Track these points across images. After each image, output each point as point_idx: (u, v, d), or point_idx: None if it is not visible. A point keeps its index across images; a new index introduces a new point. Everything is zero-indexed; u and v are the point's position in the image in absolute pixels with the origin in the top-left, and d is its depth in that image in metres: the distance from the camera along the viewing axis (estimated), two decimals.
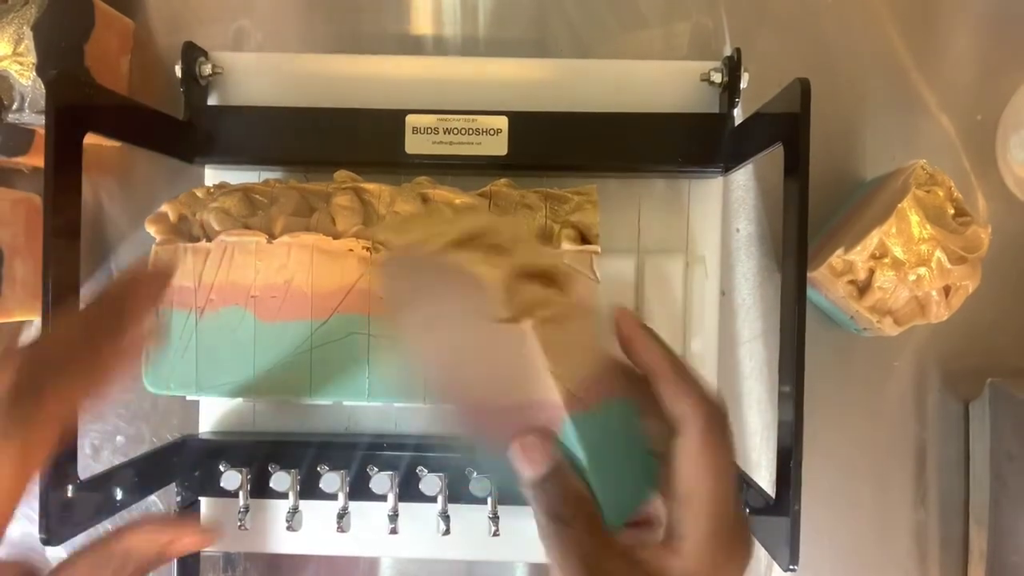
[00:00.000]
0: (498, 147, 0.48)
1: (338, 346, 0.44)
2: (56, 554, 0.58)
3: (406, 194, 0.46)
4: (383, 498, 0.49)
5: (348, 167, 0.48)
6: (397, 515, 0.49)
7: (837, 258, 0.49)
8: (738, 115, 0.49)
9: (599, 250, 0.44)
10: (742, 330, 0.56)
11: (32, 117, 0.49)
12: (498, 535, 0.49)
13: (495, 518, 0.49)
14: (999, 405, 0.52)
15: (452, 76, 0.52)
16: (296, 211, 0.46)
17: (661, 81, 0.51)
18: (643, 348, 0.27)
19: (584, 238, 0.45)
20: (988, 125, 0.55)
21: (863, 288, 0.50)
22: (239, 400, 0.52)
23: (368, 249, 0.44)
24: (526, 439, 0.26)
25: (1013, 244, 0.55)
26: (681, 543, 0.25)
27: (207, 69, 0.51)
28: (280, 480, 0.49)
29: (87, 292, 0.56)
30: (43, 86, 0.47)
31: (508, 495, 0.49)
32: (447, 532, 0.49)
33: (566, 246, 0.43)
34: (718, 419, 0.25)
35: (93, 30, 0.51)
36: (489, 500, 0.49)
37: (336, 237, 0.44)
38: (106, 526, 0.57)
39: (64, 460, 0.38)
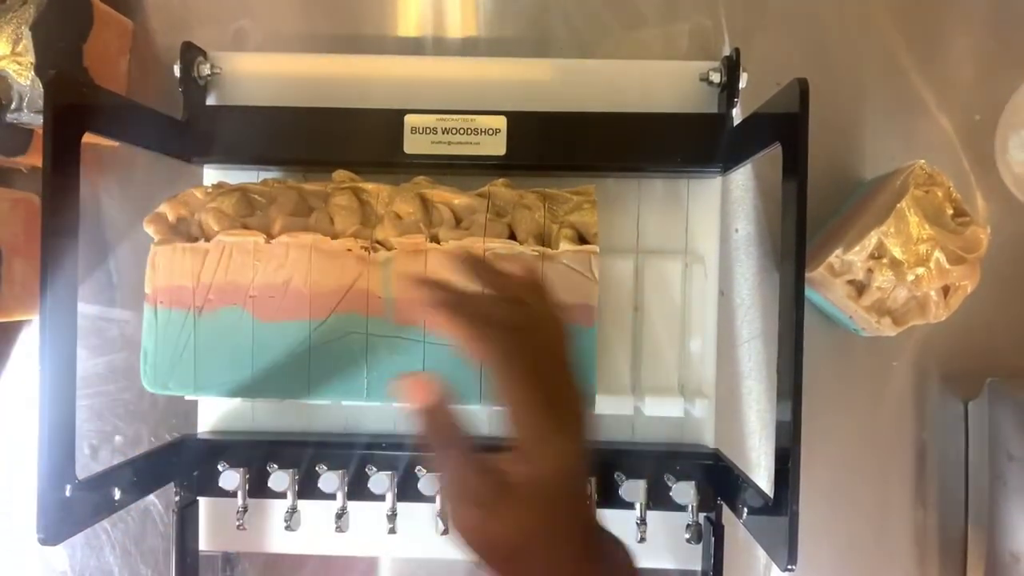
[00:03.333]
0: (497, 147, 0.48)
1: (336, 346, 0.44)
2: (56, 554, 0.58)
3: (405, 194, 0.46)
4: (381, 498, 0.49)
5: (347, 167, 0.48)
6: (395, 515, 0.49)
7: (836, 258, 0.49)
8: (737, 115, 0.49)
9: (598, 250, 0.44)
10: (741, 330, 0.56)
11: (30, 117, 0.49)
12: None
13: None
14: (998, 405, 0.52)
15: (451, 76, 0.52)
16: (294, 211, 0.46)
17: (660, 81, 0.51)
18: (426, 309, 0.33)
19: (583, 238, 0.45)
20: (987, 125, 0.55)
21: (862, 288, 0.50)
22: (237, 400, 0.52)
23: (366, 249, 0.44)
24: (411, 378, 0.32)
25: (1012, 244, 0.55)
26: (513, 450, 0.31)
27: (206, 69, 0.51)
28: (279, 480, 0.49)
29: (85, 292, 0.56)
30: (41, 86, 0.47)
31: None
32: (445, 532, 0.49)
33: (565, 246, 0.43)
34: (498, 356, 0.31)
35: (92, 30, 0.51)
36: None
37: (334, 237, 0.44)
38: (105, 525, 0.57)
39: (62, 460, 0.38)
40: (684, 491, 0.47)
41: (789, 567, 0.36)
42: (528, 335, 0.32)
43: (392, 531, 0.49)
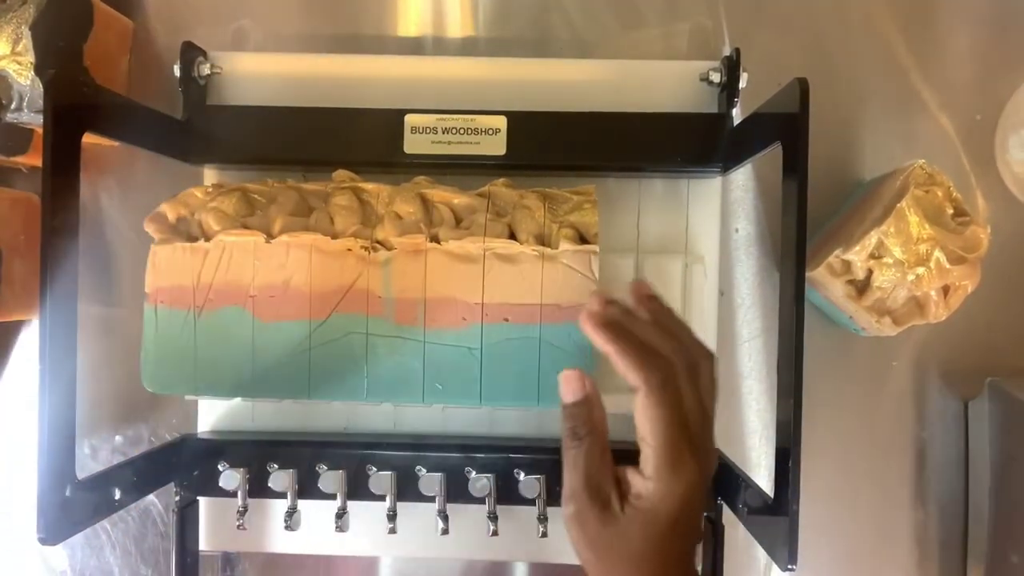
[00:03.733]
0: (497, 147, 0.48)
1: (336, 346, 0.44)
2: (56, 554, 0.58)
3: (405, 194, 0.46)
4: (381, 498, 0.49)
5: (347, 167, 0.48)
6: (396, 514, 0.49)
7: (836, 258, 0.49)
8: (737, 115, 0.49)
9: (598, 250, 0.44)
10: (741, 330, 0.56)
11: (31, 117, 0.49)
12: (497, 534, 0.49)
13: (494, 517, 0.49)
14: (998, 404, 0.52)
15: (451, 76, 0.52)
16: (295, 211, 0.46)
17: (660, 81, 0.51)
18: (595, 337, 0.34)
19: (583, 238, 0.45)
20: (987, 125, 0.55)
21: (862, 288, 0.50)
22: (238, 400, 0.52)
23: (366, 249, 0.44)
24: (570, 372, 0.35)
25: (1012, 244, 0.55)
26: (644, 468, 0.33)
27: (206, 69, 0.51)
28: (279, 480, 0.49)
29: (85, 291, 0.56)
30: (41, 86, 0.47)
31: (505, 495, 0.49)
32: (446, 531, 0.49)
33: (564, 246, 0.43)
34: (654, 383, 0.33)
35: (92, 30, 0.51)
36: (488, 499, 0.49)
37: (335, 237, 0.44)
38: (105, 525, 0.57)
39: (62, 460, 0.38)
40: None
41: (789, 567, 0.36)
42: (685, 370, 0.34)
43: (392, 531, 0.49)
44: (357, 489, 0.49)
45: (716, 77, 0.49)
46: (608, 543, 0.33)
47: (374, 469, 0.49)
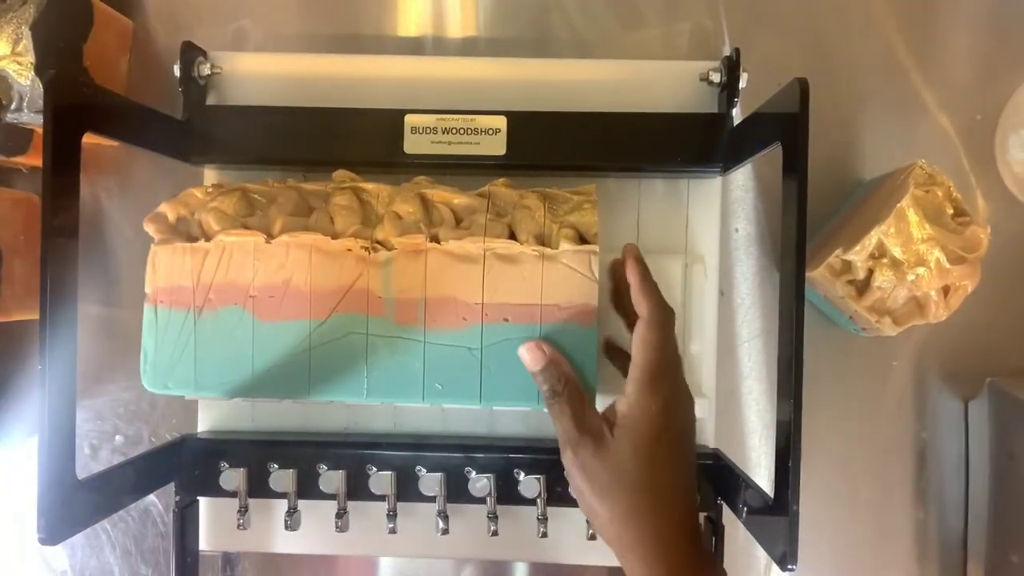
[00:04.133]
0: (497, 147, 0.48)
1: (336, 346, 0.44)
2: (56, 554, 0.58)
3: (405, 194, 0.46)
4: (382, 498, 0.49)
5: (347, 167, 0.48)
6: (396, 514, 0.49)
7: (836, 258, 0.49)
8: (737, 115, 0.49)
9: (598, 250, 0.44)
10: (741, 330, 0.56)
11: (31, 117, 0.49)
12: (496, 534, 0.49)
13: (494, 517, 0.49)
14: (998, 404, 0.52)
15: (451, 76, 0.52)
16: (295, 211, 0.46)
17: (660, 81, 0.51)
18: (630, 268, 0.41)
19: (583, 238, 0.44)
20: (987, 125, 0.55)
21: (862, 288, 0.50)
22: (238, 400, 0.52)
23: (366, 249, 0.44)
24: (528, 343, 0.41)
25: (1012, 244, 0.55)
26: (627, 390, 0.38)
27: (206, 69, 0.51)
28: (279, 479, 0.49)
29: (85, 291, 0.56)
30: (41, 86, 0.47)
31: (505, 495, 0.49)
32: (446, 532, 0.49)
33: (564, 246, 0.43)
34: (659, 314, 0.39)
35: (92, 30, 0.51)
36: (488, 499, 0.49)
37: (335, 237, 0.44)
38: (105, 525, 0.57)
39: (62, 460, 0.38)
40: None
41: (790, 567, 0.36)
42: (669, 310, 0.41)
43: (392, 531, 0.49)
44: (357, 489, 0.49)
45: (716, 77, 0.49)
46: (604, 470, 0.37)
47: (374, 469, 0.49)
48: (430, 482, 0.48)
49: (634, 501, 0.36)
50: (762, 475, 0.55)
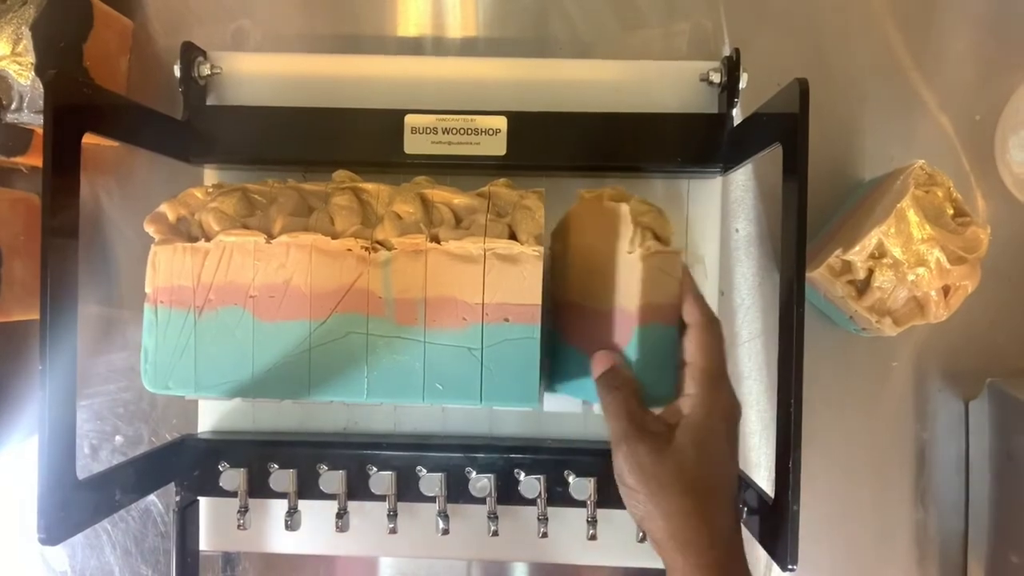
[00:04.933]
0: (497, 147, 0.48)
1: (337, 346, 0.44)
2: (56, 554, 0.58)
3: (405, 194, 0.46)
4: (382, 498, 0.49)
5: (347, 167, 0.48)
6: (396, 514, 0.49)
7: (836, 258, 0.49)
8: (737, 115, 0.49)
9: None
10: (741, 330, 0.56)
11: (31, 117, 0.49)
12: (497, 535, 0.49)
13: (494, 517, 0.49)
14: (999, 405, 0.52)
15: (451, 76, 0.52)
16: (295, 211, 0.46)
17: (660, 81, 0.51)
18: (684, 284, 0.41)
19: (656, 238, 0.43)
20: (987, 125, 0.55)
21: (862, 288, 0.50)
22: (238, 400, 0.52)
23: (366, 249, 0.44)
24: (600, 353, 0.40)
25: (1012, 244, 0.55)
26: (686, 395, 0.38)
27: (206, 69, 0.51)
28: (279, 480, 0.49)
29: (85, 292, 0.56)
30: (42, 86, 0.47)
31: (505, 495, 0.49)
32: (446, 532, 0.49)
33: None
34: (711, 323, 0.39)
35: (92, 30, 0.51)
36: (488, 500, 0.49)
37: (335, 237, 0.44)
38: (105, 525, 0.57)
39: (62, 460, 0.38)
40: None
41: (790, 567, 0.36)
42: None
43: (392, 531, 0.49)
44: (357, 489, 0.49)
45: (716, 77, 0.49)
46: (664, 470, 0.36)
47: (374, 469, 0.49)
48: (430, 482, 0.48)
49: (695, 500, 0.36)
50: (762, 475, 0.55)
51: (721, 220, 0.52)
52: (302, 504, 0.50)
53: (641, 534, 0.49)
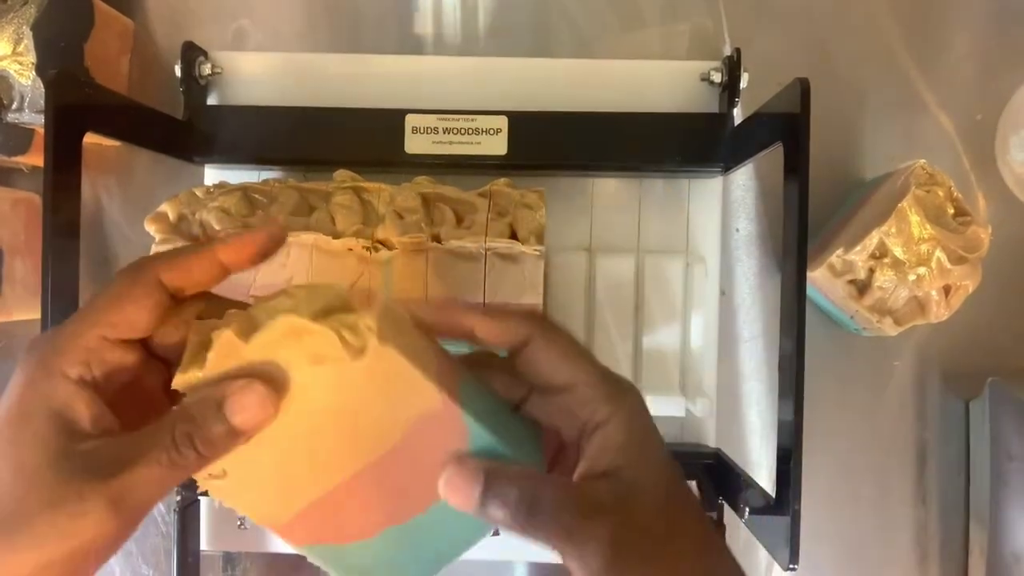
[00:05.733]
0: (498, 147, 0.48)
1: None
2: None
3: (406, 193, 0.46)
4: None
5: (348, 166, 0.48)
6: None
7: (837, 258, 0.49)
8: (738, 115, 0.49)
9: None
10: (742, 330, 0.56)
11: (32, 117, 0.49)
12: (498, 534, 0.49)
13: None
14: (999, 404, 0.52)
15: (452, 75, 0.52)
16: (295, 210, 0.46)
17: (661, 81, 0.51)
18: (566, 361, 0.28)
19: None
20: (988, 125, 0.55)
21: (863, 288, 0.50)
22: None
23: (368, 248, 0.44)
24: (445, 481, 0.27)
25: (1013, 244, 0.55)
26: (582, 409, 0.27)
27: (207, 69, 0.51)
28: None
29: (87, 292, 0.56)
30: (42, 86, 0.47)
31: None
32: None
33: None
34: (638, 412, 0.28)
35: (92, 30, 0.51)
36: None
37: (336, 236, 0.44)
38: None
39: None
40: None
41: (791, 567, 0.36)
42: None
43: None
44: None
45: (717, 77, 0.49)
46: (633, 531, 0.26)
47: None
48: None
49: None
50: (763, 475, 0.55)
51: (722, 220, 0.52)
52: None
53: None
